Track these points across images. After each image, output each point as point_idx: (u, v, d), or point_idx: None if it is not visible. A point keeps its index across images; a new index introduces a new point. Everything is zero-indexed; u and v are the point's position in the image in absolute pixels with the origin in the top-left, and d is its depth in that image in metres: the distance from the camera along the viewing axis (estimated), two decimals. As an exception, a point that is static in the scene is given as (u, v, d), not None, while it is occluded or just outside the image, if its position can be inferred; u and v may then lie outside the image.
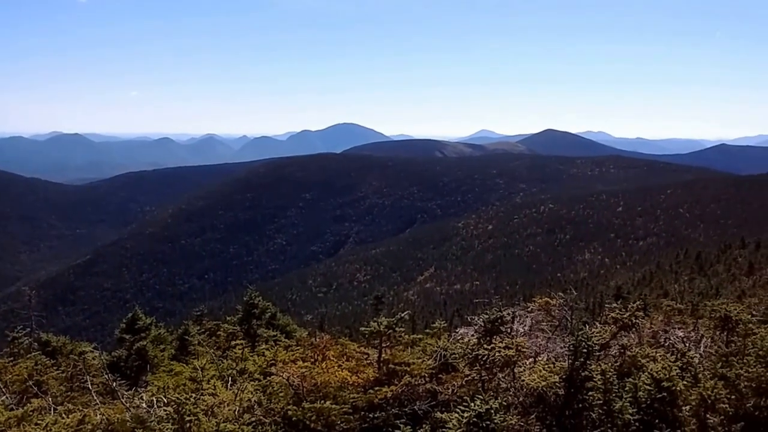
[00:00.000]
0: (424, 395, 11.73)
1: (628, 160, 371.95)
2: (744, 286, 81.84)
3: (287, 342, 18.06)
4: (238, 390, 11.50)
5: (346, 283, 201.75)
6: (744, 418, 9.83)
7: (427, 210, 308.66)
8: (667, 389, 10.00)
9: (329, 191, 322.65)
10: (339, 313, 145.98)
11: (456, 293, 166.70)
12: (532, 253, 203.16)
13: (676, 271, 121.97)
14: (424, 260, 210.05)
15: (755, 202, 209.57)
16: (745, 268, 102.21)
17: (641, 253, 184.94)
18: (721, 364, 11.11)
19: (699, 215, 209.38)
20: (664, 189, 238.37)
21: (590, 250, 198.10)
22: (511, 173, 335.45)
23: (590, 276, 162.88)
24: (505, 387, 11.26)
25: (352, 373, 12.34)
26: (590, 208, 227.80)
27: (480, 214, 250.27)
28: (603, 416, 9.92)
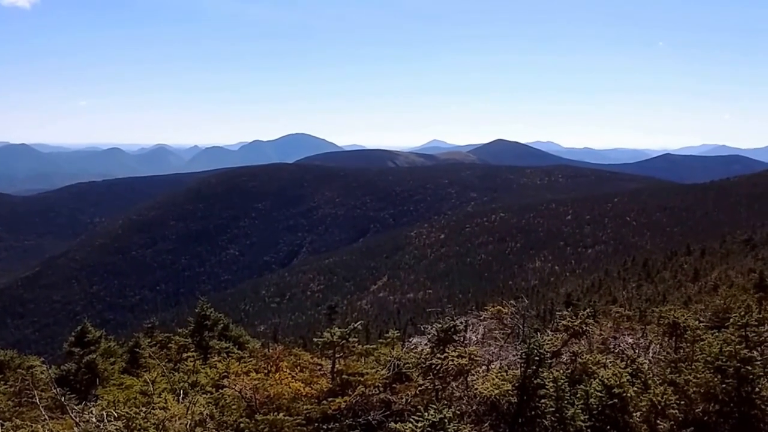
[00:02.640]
0: (378, 405, 11.67)
1: (577, 170, 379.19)
2: (690, 292, 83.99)
3: (240, 353, 17.85)
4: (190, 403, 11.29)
5: (299, 293, 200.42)
6: (693, 424, 10.04)
7: (379, 219, 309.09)
8: (618, 395, 10.16)
9: (282, 201, 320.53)
10: (293, 324, 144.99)
11: (409, 302, 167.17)
12: (484, 261, 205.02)
13: (624, 278, 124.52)
14: (377, 269, 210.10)
15: (699, 209, 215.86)
16: (690, 275, 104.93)
17: (590, 261, 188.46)
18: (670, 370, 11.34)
19: (645, 223, 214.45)
20: (612, 198, 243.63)
21: (540, 258, 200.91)
22: (463, 183, 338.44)
23: (541, 283, 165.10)
24: (459, 396, 11.30)
25: (306, 384, 12.24)
26: (540, 217, 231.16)
27: (432, 224, 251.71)
28: (555, 423, 10.01)
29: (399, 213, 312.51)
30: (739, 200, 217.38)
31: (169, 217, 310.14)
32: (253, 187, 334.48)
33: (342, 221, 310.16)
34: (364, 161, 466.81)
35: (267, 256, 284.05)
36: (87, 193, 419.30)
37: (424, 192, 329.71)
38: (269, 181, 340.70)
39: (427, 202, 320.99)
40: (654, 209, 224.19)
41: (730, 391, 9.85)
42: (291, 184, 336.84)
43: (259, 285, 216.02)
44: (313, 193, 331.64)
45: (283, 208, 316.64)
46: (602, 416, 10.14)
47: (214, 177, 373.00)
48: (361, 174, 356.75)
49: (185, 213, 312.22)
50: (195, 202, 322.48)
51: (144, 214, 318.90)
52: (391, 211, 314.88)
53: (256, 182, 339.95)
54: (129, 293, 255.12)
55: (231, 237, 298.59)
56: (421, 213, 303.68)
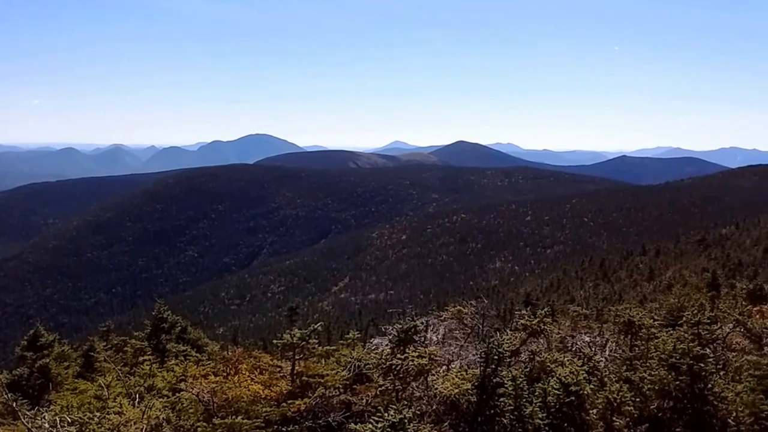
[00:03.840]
0: (338, 407, 11.64)
1: (536, 171, 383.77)
2: (645, 291, 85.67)
3: (198, 356, 17.63)
4: (146, 407, 11.09)
5: (260, 294, 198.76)
6: (648, 420, 10.23)
7: (341, 221, 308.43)
8: (575, 393, 10.30)
9: (242, 202, 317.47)
10: (253, 326, 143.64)
11: (371, 303, 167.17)
12: (445, 262, 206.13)
13: (582, 277, 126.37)
14: (338, 270, 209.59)
15: (654, 210, 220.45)
16: (646, 274, 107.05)
17: (549, 261, 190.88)
18: (626, 368, 11.54)
19: (602, 224, 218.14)
20: (570, 199, 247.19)
21: (501, 258, 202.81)
22: (424, 184, 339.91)
23: (501, 283, 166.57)
24: (419, 396, 11.33)
25: (265, 386, 12.13)
26: (500, 218, 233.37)
27: (394, 225, 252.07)
28: (514, 421, 10.10)
29: (360, 214, 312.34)
30: (692, 201, 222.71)
31: (125, 218, 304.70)
32: (213, 187, 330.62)
33: (303, 222, 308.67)
34: (326, 162, 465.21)
35: (227, 258, 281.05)
36: (41, 194, 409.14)
37: (386, 193, 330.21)
38: (229, 181, 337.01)
39: (388, 203, 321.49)
40: (611, 210, 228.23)
41: (684, 388, 10.05)
42: (251, 184, 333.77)
43: (218, 287, 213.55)
44: (273, 194, 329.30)
45: (243, 209, 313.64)
46: (560, 414, 10.26)
47: (172, 177, 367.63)
48: (323, 175, 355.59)
49: (142, 214, 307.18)
50: (152, 203, 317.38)
51: (99, 215, 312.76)
52: (352, 212, 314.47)
53: (216, 183, 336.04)
54: (84, 296, 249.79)
55: (189, 238, 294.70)
56: (383, 214, 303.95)
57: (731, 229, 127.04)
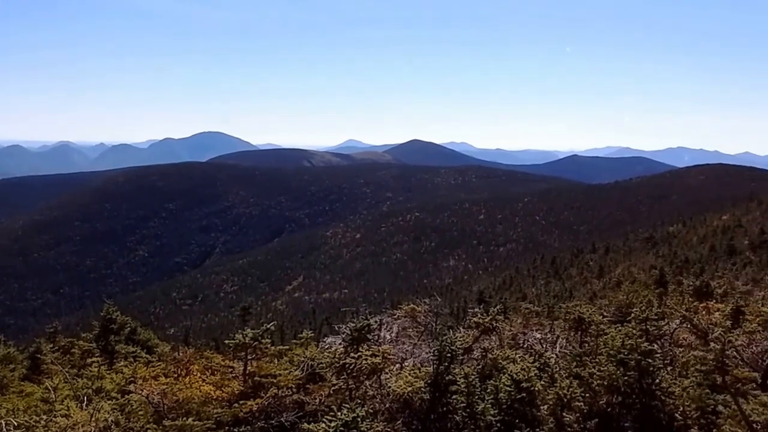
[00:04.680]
0: (291, 406, 11.55)
1: (489, 170, 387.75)
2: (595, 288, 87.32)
3: (148, 358, 17.34)
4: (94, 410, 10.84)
5: (212, 294, 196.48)
6: (598, 415, 10.39)
7: (295, 219, 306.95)
8: (526, 389, 10.42)
9: (194, 201, 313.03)
10: (205, 326, 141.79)
11: (325, 302, 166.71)
12: (399, 260, 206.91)
13: (534, 275, 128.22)
14: (292, 269, 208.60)
15: (604, 209, 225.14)
16: (596, 271, 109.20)
17: (502, 259, 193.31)
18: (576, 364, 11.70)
19: (554, 222, 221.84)
20: (522, 197, 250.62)
21: (454, 256, 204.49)
22: (378, 182, 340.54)
23: (455, 282, 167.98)
24: (372, 394, 11.30)
25: (217, 387, 11.98)
26: (454, 217, 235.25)
27: (348, 223, 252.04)
28: (467, 418, 10.16)
29: (314, 213, 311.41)
30: (641, 200, 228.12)
31: (73, 217, 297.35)
32: (164, 186, 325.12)
33: (256, 221, 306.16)
34: (280, 160, 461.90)
35: (178, 258, 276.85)
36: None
37: (340, 192, 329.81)
38: (181, 180, 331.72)
39: (342, 202, 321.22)
40: (562, 208, 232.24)
41: (632, 383, 10.24)
42: (203, 183, 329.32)
43: (169, 287, 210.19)
44: (226, 192, 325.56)
45: (195, 207, 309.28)
46: (511, 410, 10.36)
47: (122, 176, 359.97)
48: (277, 173, 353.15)
49: (91, 213, 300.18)
50: (101, 202, 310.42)
51: (46, 214, 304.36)
52: (306, 211, 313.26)
53: (167, 181, 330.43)
54: (30, 297, 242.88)
55: (140, 238, 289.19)
56: (337, 213, 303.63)
57: (678, 227, 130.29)
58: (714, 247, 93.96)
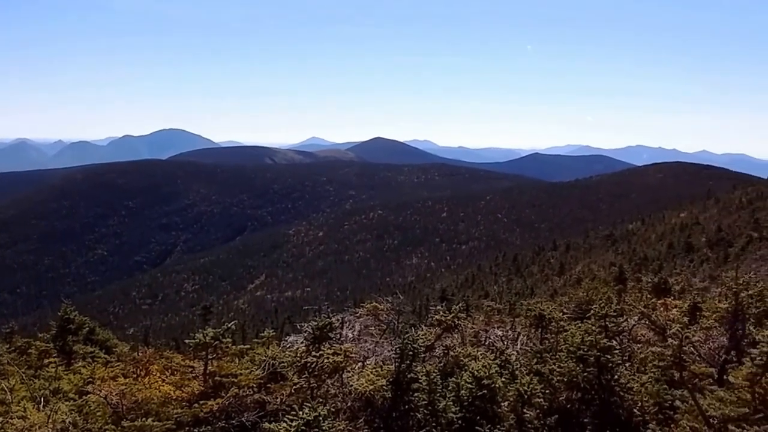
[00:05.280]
0: (252, 406, 11.45)
1: (452, 168, 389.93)
2: (556, 285, 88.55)
3: (107, 358, 17.06)
4: (51, 411, 10.62)
5: (172, 293, 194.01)
6: (557, 411, 10.47)
7: (257, 217, 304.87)
8: (487, 386, 10.45)
9: (154, 199, 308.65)
10: (165, 325, 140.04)
11: (287, 300, 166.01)
12: (362, 258, 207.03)
13: (496, 272, 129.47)
14: (254, 268, 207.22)
15: (565, 206, 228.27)
16: (557, 269, 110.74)
17: (464, 257, 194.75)
18: (536, 360, 11.80)
19: (516, 220, 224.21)
20: (484, 195, 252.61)
21: (417, 254, 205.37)
22: (341, 180, 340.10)
23: (417, 279, 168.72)
24: (334, 393, 11.25)
25: (177, 387, 11.83)
26: (417, 214, 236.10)
27: (311, 221, 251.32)
28: (428, 416, 10.17)
29: (277, 211, 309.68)
30: (601, 198, 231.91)
31: (30, 215, 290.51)
32: (123, 184, 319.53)
33: (218, 219, 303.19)
34: (242, 158, 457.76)
35: (138, 256, 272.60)
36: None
37: (303, 190, 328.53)
38: (140, 177, 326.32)
39: (305, 200, 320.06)
40: (523, 206, 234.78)
41: (592, 379, 10.34)
42: (164, 180, 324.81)
43: (129, 286, 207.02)
44: (187, 190, 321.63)
45: (155, 205, 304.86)
46: (472, 407, 10.39)
47: (81, 173, 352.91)
48: (238, 171, 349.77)
49: (48, 211, 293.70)
50: (59, 200, 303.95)
51: (2, 213, 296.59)
52: (268, 209, 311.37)
53: (127, 179, 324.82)
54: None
55: (98, 236, 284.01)
56: (300, 211, 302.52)
57: (637, 224, 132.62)
58: (672, 245, 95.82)
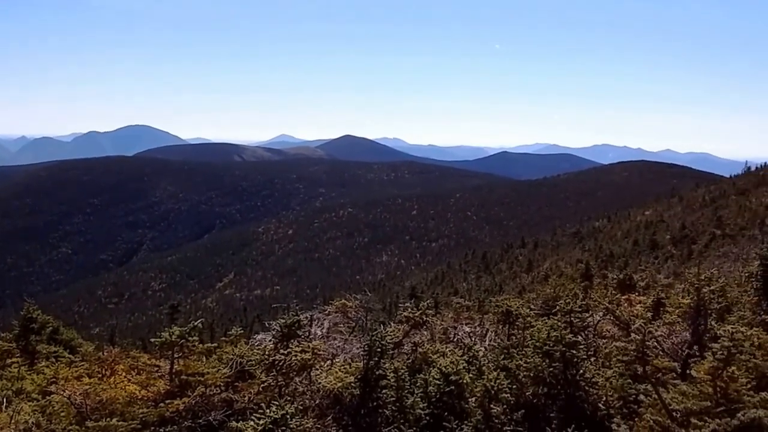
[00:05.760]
0: (219, 405, 11.39)
1: (422, 166, 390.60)
2: (524, 282, 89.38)
3: (71, 358, 16.85)
4: (14, 412, 10.48)
5: (139, 292, 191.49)
6: (524, 406, 10.59)
7: (226, 215, 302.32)
8: (455, 382, 10.55)
9: (120, 196, 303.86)
10: (132, 325, 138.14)
11: (256, 299, 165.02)
12: (332, 256, 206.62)
13: (465, 270, 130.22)
14: (223, 266, 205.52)
15: (533, 204, 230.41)
16: (525, 266, 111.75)
17: (434, 254, 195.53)
18: (503, 356, 11.91)
19: (485, 217, 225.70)
20: (454, 193, 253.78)
21: (387, 252, 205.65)
22: (311, 178, 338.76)
23: (387, 277, 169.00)
24: (302, 391, 11.23)
25: (142, 386, 11.75)
26: (387, 212, 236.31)
27: (280, 219, 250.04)
28: (396, 412, 10.21)
29: (246, 208, 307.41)
30: (568, 196, 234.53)
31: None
32: (89, 181, 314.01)
33: (185, 217, 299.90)
34: (210, 155, 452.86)
35: (103, 255, 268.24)
36: None
37: (272, 187, 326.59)
38: (106, 174, 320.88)
39: (275, 198, 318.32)
40: (492, 204, 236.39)
41: (557, 374, 10.47)
42: (130, 177, 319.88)
43: (94, 285, 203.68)
44: (154, 187, 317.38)
45: (121, 203, 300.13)
46: (440, 403, 10.48)
47: (45, 170, 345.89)
48: (207, 168, 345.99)
49: (11, 209, 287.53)
50: (22, 197, 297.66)
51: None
52: (237, 207, 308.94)
53: (92, 176, 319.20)
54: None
55: (63, 234, 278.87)
56: (269, 208, 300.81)
57: (604, 222, 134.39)
58: (637, 242, 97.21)
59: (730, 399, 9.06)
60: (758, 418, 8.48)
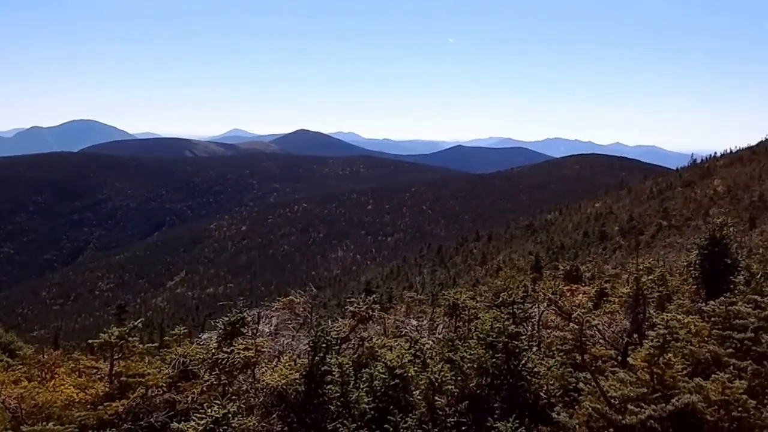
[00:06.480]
0: (162, 406, 11.21)
1: (377, 160, 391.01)
2: (478, 275, 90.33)
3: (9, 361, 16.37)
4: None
5: (86, 292, 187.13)
6: (468, 398, 10.68)
7: (176, 212, 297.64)
8: (400, 376, 10.57)
9: (65, 194, 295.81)
10: (78, 326, 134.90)
11: (209, 297, 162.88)
12: (287, 252, 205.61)
13: (420, 264, 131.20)
14: (174, 264, 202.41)
15: (487, 198, 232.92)
16: (479, 259, 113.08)
17: (390, 249, 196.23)
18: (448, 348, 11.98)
19: (440, 211, 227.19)
20: (409, 187, 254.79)
21: (343, 247, 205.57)
22: (265, 173, 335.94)
23: (343, 273, 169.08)
24: (246, 389, 11.11)
25: (80, 389, 11.47)
26: (342, 207, 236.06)
27: (233, 215, 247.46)
28: (341, 408, 10.18)
29: (198, 205, 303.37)
30: (521, 189, 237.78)
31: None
32: (32, 178, 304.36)
33: (134, 214, 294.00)
34: (160, 150, 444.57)
35: (48, 254, 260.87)
36: None
37: (225, 183, 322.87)
38: (50, 171, 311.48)
39: (227, 193, 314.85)
40: (447, 198, 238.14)
41: (500, 365, 10.60)
42: (76, 174, 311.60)
43: (38, 286, 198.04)
44: (101, 184, 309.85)
45: (66, 201, 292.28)
46: (385, 397, 10.49)
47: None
48: (156, 164, 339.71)
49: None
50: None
51: None
52: (189, 203, 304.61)
53: (35, 172, 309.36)
54: None
55: (4, 234, 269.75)
56: (222, 204, 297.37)
57: (555, 214, 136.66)
58: (587, 233, 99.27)
59: (666, 385, 9.28)
60: (692, 403, 8.72)
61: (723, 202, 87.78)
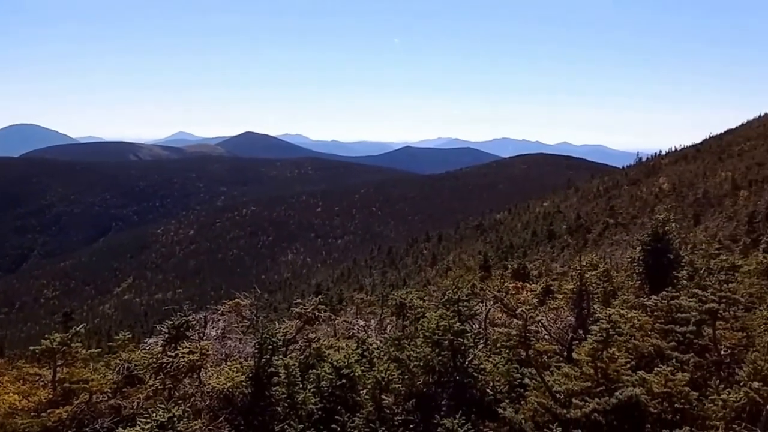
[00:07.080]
0: (107, 412, 11.07)
1: (325, 162, 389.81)
2: (429, 275, 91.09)
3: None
4: None
5: (30, 301, 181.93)
6: (415, 396, 10.80)
7: (122, 217, 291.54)
8: (347, 376, 10.63)
9: (6, 200, 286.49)
10: (24, 335, 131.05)
11: (158, 303, 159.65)
12: (236, 256, 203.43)
13: (371, 265, 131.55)
14: (121, 270, 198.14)
15: (437, 198, 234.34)
16: (429, 259, 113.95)
17: (340, 251, 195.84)
18: (395, 348, 12.09)
19: (390, 213, 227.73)
20: (359, 189, 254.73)
21: (293, 250, 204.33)
22: (212, 176, 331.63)
23: (293, 276, 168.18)
24: (192, 393, 11.02)
25: (23, 396, 11.26)
26: (291, 210, 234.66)
27: (181, 220, 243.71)
28: (287, 409, 10.19)
29: (144, 209, 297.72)
30: (470, 189, 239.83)
31: None
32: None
33: (79, 220, 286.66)
34: (103, 154, 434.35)
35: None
36: None
37: (171, 187, 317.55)
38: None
39: (174, 197, 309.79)
40: (397, 199, 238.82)
41: (446, 363, 10.74)
42: (17, 180, 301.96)
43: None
44: (44, 189, 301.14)
45: (7, 208, 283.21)
46: (332, 397, 10.53)
47: None
48: (100, 168, 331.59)
49: None
50: None
51: None
52: (134, 208, 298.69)
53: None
54: None
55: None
56: (168, 209, 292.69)
57: (504, 214, 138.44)
58: (536, 232, 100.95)
59: (610, 378, 9.56)
60: (635, 396, 9.00)
61: (668, 200, 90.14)
